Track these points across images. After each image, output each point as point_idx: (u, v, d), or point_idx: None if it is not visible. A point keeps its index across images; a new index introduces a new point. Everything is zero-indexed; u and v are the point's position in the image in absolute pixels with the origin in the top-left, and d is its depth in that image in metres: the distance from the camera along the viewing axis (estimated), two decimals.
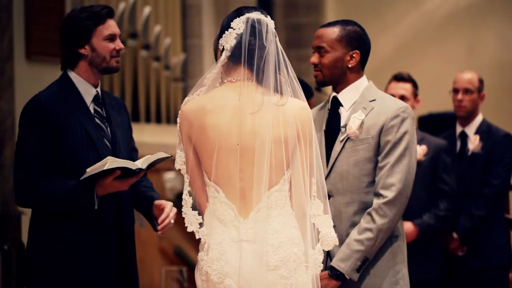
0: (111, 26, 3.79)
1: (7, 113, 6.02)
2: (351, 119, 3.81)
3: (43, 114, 3.67)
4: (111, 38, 3.79)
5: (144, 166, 3.62)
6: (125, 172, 3.60)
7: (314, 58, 3.87)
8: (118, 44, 3.80)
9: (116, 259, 3.78)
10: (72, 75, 3.80)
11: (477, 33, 10.19)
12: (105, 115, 3.83)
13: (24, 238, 5.84)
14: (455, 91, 5.70)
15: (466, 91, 5.67)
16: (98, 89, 3.84)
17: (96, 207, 3.63)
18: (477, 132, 5.68)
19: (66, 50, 3.81)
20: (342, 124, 3.85)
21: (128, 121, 4.00)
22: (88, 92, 3.80)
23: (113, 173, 3.57)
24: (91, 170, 3.57)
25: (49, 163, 3.67)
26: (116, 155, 3.74)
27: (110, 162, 3.54)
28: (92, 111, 3.79)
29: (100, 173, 3.55)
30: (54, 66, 6.11)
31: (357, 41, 3.85)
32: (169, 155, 3.70)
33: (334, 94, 3.91)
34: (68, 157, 3.68)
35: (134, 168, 3.59)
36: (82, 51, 3.76)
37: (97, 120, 3.79)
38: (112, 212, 3.75)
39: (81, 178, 3.60)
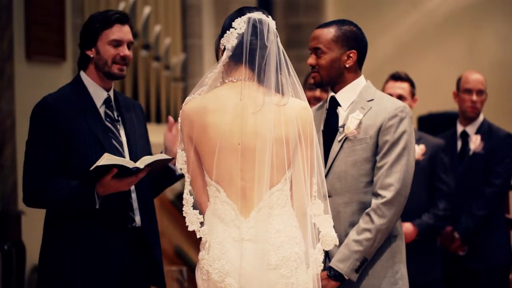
0: (118, 32, 3.80)
1: (7, 113, 6.00)
2: (349, 119, 3.80)
3: (50, 115, 3.70)
4: (116, 43, 3.80)
5: (141, 166, 3.62)
6: (124, 171, 3.60)
7: (311, 60, 3.86)
8: (123, 50, 3.81)
9: (129, 257, 3.79)
10: (84, 77, 3.84)
11: (477, 33, 10.20)
12: (117, 118, 3.83)
13: (24, 238, 5.85)
14: (468, 91, 5.64)
15: (479, 92, 5.64)
16: (111, 92, 3.86)
17: (97, 207, 3.64)
18: (478, 132, 5.66)
19: (80, 51, 3.88)
20: (340, 124, 3.84)
21: (145, 125, 4.01)
22: (98, 95, 3.82)
23: (110, 171, 3.57)
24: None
25: (56, 164, 3.69)
26: (129, 158, 3.76)
27: (106, 159, 3.54)
28: (102, 114, 3.81)
29: (97, 169, 3.55)
30: (54, 66, 6.10)
31: (354, 40, 3.84)
32: (169, 157, 3.71)
33: (332, 94, 3.91)
34: (76, 159, 3.71)
35: (131, 166, 3.59)
36: (89, 53, 3.82)
37: (107, 123, 3.80)
38: (119, 211, 3.76)
39: (83, 177, 3.61)
